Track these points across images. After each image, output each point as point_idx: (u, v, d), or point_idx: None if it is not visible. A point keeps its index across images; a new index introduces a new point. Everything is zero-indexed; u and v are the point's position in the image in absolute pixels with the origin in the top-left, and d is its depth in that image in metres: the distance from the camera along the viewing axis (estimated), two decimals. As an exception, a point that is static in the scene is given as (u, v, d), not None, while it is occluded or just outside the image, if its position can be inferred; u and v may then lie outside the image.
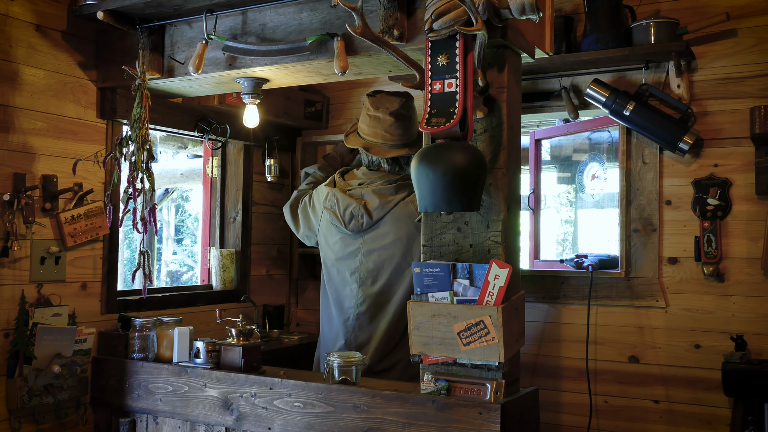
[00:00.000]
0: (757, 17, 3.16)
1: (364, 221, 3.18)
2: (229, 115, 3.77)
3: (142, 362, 3.00)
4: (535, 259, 3.93)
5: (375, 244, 3.21)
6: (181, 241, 10.47)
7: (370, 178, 3.27)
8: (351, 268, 3.27)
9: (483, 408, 2.21)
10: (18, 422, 2.84)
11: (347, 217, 3.21)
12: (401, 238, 3.17)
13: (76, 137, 3.10)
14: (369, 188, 3.22)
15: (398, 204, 3.18)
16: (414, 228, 3.14)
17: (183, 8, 2.78)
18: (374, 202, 3.18)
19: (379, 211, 3.17)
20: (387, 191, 3.20)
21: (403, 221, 3.17)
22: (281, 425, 2.65)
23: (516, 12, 2.12)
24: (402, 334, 3.20)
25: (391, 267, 3.19)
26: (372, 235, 3.21)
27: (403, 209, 3.17)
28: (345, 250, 3.28)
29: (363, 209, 3.17)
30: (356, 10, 2.23)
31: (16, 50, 2.88)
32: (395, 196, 3.19)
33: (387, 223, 3.18)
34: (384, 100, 3.25)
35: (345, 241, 3.27)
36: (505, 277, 2.19)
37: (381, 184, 3.22)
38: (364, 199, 3.20)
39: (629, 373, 3.37)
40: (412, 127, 3.28)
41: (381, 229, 3.19)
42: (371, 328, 3.23)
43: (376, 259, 3.20)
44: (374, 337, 3.22)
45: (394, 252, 3.17)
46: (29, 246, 2.91)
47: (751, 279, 3.15)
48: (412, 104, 3.30)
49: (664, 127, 3.19)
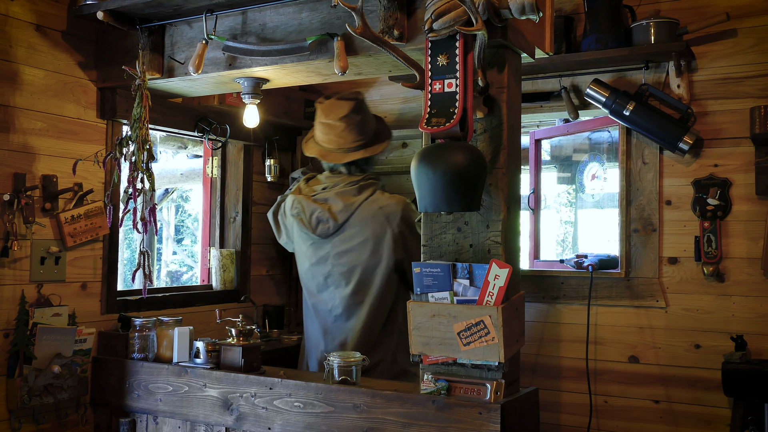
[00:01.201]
0: (757, 17, 3.16)
1: (331, 225, 3.25)
2: (229, 115, 3.77)
3: (142, 362, 3.00)
4: (535, 259, 3.93)
5: (343, 247, 3.27)
6: (181, 241, 10.46)
7: (333, 182, 3.34)
8: (324, 272, 3.34)
9: (483, 408, 2.21)
10: (18, 422, 2.84)
11: (314, 223, 3.28)
12: (368, 238, 3.23)
13: (76, 137, 3.10)
14: (332, 192, 3.29)
15: (362, 205, 3.24)
16: (379, 227, 3.19)
17: (183, 8, 2.78)
18: (338, 205, 3.25)
19: (344, 214, 3.24)
20: (350, 193, 3.27)
21: (368, 221, 3.23)
22: (281, 425, 2.65)
23: (516, 12, 2.12)
24: (381, 333, 3.23)
25: (361, 268, 3.25)
26: (340, 238, 3.28)
27: (367, 209, 3.23)
28: (316, 256, 3.35)
29: (328, 213, 3.23)
30: (356, 10, 2.23)
31: (16, 50, 2.88)
32: (358, 197, 3.26)
33: (353, 225, 3.25)
34: (334, 106, 3.32)
35: (315, 247, 3.35)
36: (505, 277, 2.19)
37: (343, 187, 3.29)
38: (329, 203, 3.28)
39: (629, 373, 3.37)
40: (366, 127, 3.35)
41: (348, 232, 3.26)
42: (347, 329, 3.29)
43: (346, 262, 3.27)
44: (350, 337, 3.28)
45: (362, 252, 3.24)
46: (29, 246, 2.91)
47: (751, 279, 3.15)
48: (363, 105, 3.37)
49: (664, 127, 3.19)
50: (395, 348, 3.30)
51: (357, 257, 3.25)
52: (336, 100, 3.34)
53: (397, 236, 3.20)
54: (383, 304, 3.25)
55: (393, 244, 3.21)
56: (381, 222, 3.21)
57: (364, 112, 3.38)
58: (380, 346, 3.26)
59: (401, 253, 3.24)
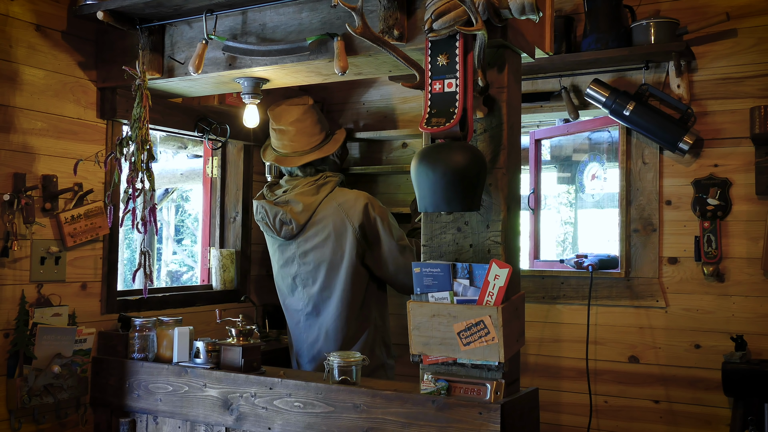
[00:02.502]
0: (757, 17, 3.16)
1: (294, 226, 3.35)
2: (229, 115, 3.77)
3: (142, 362, 3.00)
4: (535, 259, 3.93)
5: (307, 246, 3.37)
6: (181, 241, 10.47)
7: (292, 185, 3.44)
8: (291, 273, 3.44)
9: (483, 408, 2.21)
10: (18, 422, 2.84)
11: (278, 225, 3.38)
12: (329, 234, 3.31)
13: (76, 137, 3.10)
14: (292, 194, 3.39)
15: (321, 203, 3.34)
16: (340, 222, 3.28)
17: (183, 8, 2.78)
18: (298, 206, 3.35)
19: (305, 214, 3.33)
20: (309, 193, 3.37)
21: (328, 218, 3.32)
22: (281, 425, 2.65)
23: (516, 12, 2.12)
24: (355, 328, 3.30)
25: (325, 264, 3.34)
26: (303, 238, 3.37)
27: (327, 207, 3.33)
28: (283, 258, 3.46)
29: (290, 214, 3.34)
30: (356, 10, 2.23)
31: (16, 50, 2.88)
32: (317, 196, 3.36)
33: (314, 223, 3.34)
34: (284, 112, 3.45)
35: (282, 249, 3.45)
36: (505, 277, 2.19)
37: (302, 188, 3.39)
38: (290, 205, 3.37)
39: (629, 373, 3.37)
40: (317, 128, 3.47)
41: (310, 231, 3.35)
42: (319, 325, 3.38)
43: (311, 260, 3.36)
44: (322, 334, 3.37)
45: (325, 249, 3.32)
46: (29, 246, 2.91)
47: (751, 279, 3.15)
48: (312, 109, 3.48)
49: (664, 127, 3.19)
50: (372, 342, 3.37)
51: (321, 255, 3.35)
52: (286, 106, 3.48)
53: (357, 230, 3.27)
54: (353, 298, 3.33)
55: (354, 238, 3.28)
56: (341, 217, 3.30)
57: (314, 114, 3.50)
58: (356, 341, 3.33)
59: (365, 246, 3.30)
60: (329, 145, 3.51)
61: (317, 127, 3.49)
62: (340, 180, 3.50)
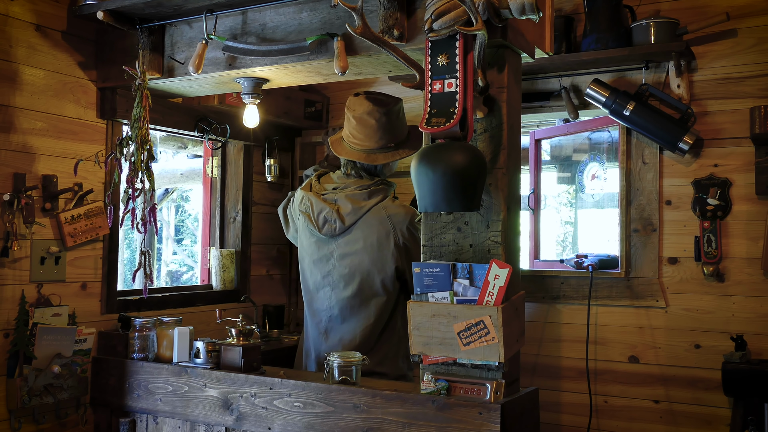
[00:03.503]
0: (757, 17, 3.16)
1: (337, 226, 3.18)
2: (229, 115, 3.77)
3: (142, 362, 3.00)
4: (535, 259, 3.93)
5: (347, 249, 3.20)
6: (181, 241, 10.47)
7: (344, 183, 3.25)
8: (324, 271, 3.28)
9: (483, 408, 2.21)
10: (18, 422, 2.84)
11: (321, 221, 3.21)
12: (372, 244, 3.15)
13: (76, 137, 3.10)
14: (342, 193, 3.21)
15: (371, 209, 3.16)
16: (385, 233, 3.12)
17: (183, 8, 2.78)
18: (347, 207, 3.17)
19: (352, 217, 3.16)
20: (360, 197, 3.19)
21: (374, 227, 3.15)
22: (281, 425, 2.65)
23: (516, 12, 2.12)
24: (378, 339, 3.19)
25: (361, 273, 3.17)
26: (345, 240, 3.21)
27: (375, 215, 3.15)
28: (318, 253, 3.28)
29: (336, 214, 3.17)
30: (356, 10, 2.23)
31: (16, 50, 2.88)
32: (368, 201, 3.18)
33: (359, 228, 3.17)
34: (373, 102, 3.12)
35: (319, 245, 3.28)
36: (505, 277, 2.19)
37: (354, 189, 3.21)
38: (338, 204, 3.20)
39: (629, 373, 3.37)
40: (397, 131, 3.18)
41: (353, 235, 3.18)
42: (344, 331, 3.23)
43: (348, 264, 3.20)
44: (347, 339, 3.22)
45: (365, 257, 3.16)
46: (29, 246, 2.91)
47: (751, 279, 3.15)
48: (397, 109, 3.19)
49: (664, 127, 3.19)
50: (395, 354, 3.27)
51: (359, 261, 3.20)
52: (376, 97, 3.18)
53: (402, 245, 3.16)
54: (383, 310, 3.21)
55: (397, 252, 3.15)
56: (387, 229, 3.15)
57: (399, 115, 3.22)
58: (378, 352, 3.23)
59: (404, 262, 3.20)
60: (402, 151, 3.21)
61: (397, 131, 3.18)
62: (393, 190, 3.31)
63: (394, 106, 3.18)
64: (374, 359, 3.19)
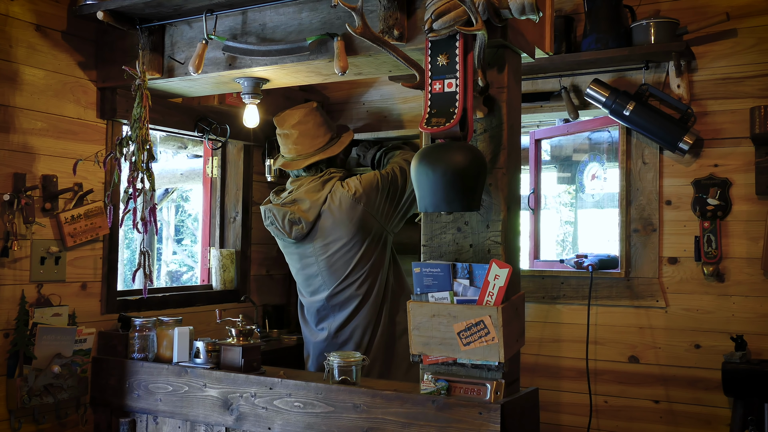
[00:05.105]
0: (757, 17, 3.16)
1: (303, 224, 3.34)
2: (229, 115, 3.77)
3: (142, 362, 3.00)
4: (535, 259, 3.93)
5: (324, 242, 3.36)
6: (181, 241, 10.47)
7: (297, 185, 3.45)
8: (311, 273, 3.43)
9: (483, 408, 2.21)
10: (18, 422, 2.84)
11: (288, 227, 3.37)
12: (343, 221, 3.31)
13: (76, 137, 3.10)
14: (298, 193, 3.39)
15: (328, 196, 3.33)
16: (351, 210, 3.30)
17: (183, 8, 2.78)
18: (305, 203, 3.34)
19: (314, 210, 3.33)
20: (314, 189, 3.37)
21: (339, 209, 3.31)
22: (281, 425, 2.65)
23: (516, 12, 2.12)
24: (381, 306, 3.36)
25: (343, 254, 3.34)
26: (318, 235, 3.36)
27: (335, 199, 3.32)
28: (301, 259, 3.45)
29: (298, 213, 3.34)
30: (356, 10, 2.23)
31: (16, 50, 2.88)
32: (322, 191, 3.35)
33: (325, 218, 3.33)
34: (287, 116, 3.45)
35: (299, 252, 3.45)
36: (505, 277, 2.19)
37: (308, 185, 3.39)
38: (297, 204, 3.36)
39: (629, 373, 3.37)
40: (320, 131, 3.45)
41: (323, 227, 3.34)
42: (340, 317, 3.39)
43: (330, 255, 3.36)
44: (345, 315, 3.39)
45: (341, 236, 3.32)
46: (29, 246, 2.91)
47: (751, 279, 3.15)
48: (316, 110, 3.48)
49: (664, 127, 3.19)
50: (390, 310, 3.42)
51: (338, 246, 3.34)
52: (289, 111, 3.48)
53: (365, 210, 3.30)
54: (378, 280, 3.37)
55: (365, 219, 3.31)
56: (351, 205, 3.30)
57: (318, 116, 3.48)
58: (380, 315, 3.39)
59: (376, 219, 3.34)
60: (334, 146, 3.48)
61: (321, 129, 3.46)
62: (344, 174, 3.48)
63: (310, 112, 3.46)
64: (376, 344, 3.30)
